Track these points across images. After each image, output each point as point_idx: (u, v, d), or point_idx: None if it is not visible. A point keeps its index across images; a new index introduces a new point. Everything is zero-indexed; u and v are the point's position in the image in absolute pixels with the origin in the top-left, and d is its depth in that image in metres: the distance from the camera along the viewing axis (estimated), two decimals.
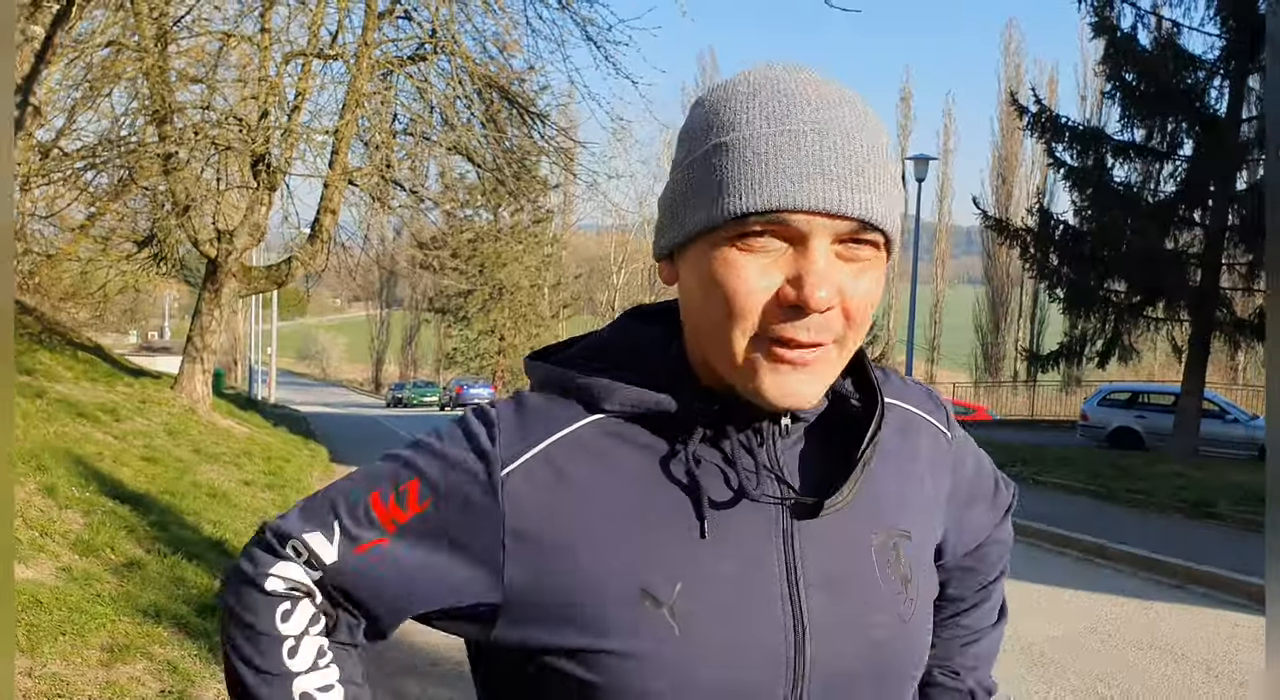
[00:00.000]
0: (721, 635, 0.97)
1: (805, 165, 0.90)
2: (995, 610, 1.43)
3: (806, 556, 1.02)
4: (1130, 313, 19.22)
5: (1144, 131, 18.93)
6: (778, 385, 0.95)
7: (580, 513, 0.99)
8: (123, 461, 9.13)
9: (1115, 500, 13.16)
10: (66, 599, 5.24)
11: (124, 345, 36.97)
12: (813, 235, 0.91)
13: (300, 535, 1.05)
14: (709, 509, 1.00)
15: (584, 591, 0.97)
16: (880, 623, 1.03)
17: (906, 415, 1.16)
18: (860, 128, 0.93)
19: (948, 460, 1.20)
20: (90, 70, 11.99)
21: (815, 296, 0.90)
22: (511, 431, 1.02)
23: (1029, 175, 51.15)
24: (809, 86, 0.95)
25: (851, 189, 0.90)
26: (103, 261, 15.96)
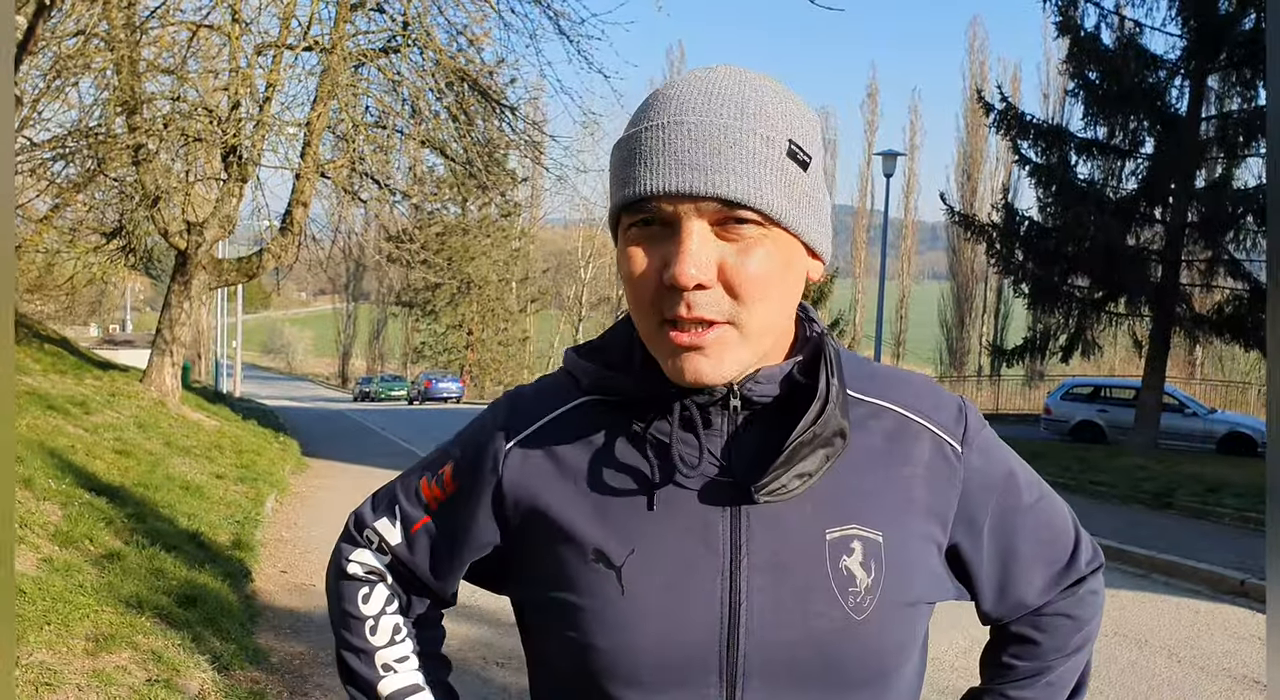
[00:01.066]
0: (660, 602, 1.04)
1: (661, 155, 0.97)
2: (1063, 689, 1.32)
3: (754, 539, 1.06)
4: (1093, 308, 19.49)
5: (1106, 129, 19.20)
6: (678, 365, 1.01)
7: (556, 482, 1.12)
8: (95, 454, 9.09)
9: (1079, 492, 13.38)
10: (49, 589, 5.25)
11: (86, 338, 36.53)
12: (682, 218, 0.97)
13: (373, 524, 1.26)
14: (657, 487, 1.08)
15: (555, 549, 1.10)
16: (822, 612, 1.05)
17: (902, 420, 1.15)
18: (727, 113, 0.98)
19: (956, 474, 1.15)
20: (58, 60, 11.87)
21: (683, 273, 0.95)
22: (518, 412, 1.19)
23: (994, 172, 51.67)
24: (688, 83, 1.02)
25: (706, 171, 0.96)
26: (69, 253, 15.82)
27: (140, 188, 13.49)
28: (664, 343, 1.01)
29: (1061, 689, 1.31)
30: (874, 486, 1.11)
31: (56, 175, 14.28)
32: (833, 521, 1.08)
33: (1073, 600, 1.30)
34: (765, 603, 1.05)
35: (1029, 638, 1.30)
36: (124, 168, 14.01)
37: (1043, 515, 1.26)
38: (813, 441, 1.04)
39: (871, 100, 58.88)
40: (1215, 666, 6.27)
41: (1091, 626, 1.33)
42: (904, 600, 1.10)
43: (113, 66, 11.92)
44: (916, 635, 1.13)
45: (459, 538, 1.20)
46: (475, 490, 1.17)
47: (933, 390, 1.20)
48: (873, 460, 1.12)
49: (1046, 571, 1.27)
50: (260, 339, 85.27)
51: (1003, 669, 1.32)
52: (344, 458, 16.27)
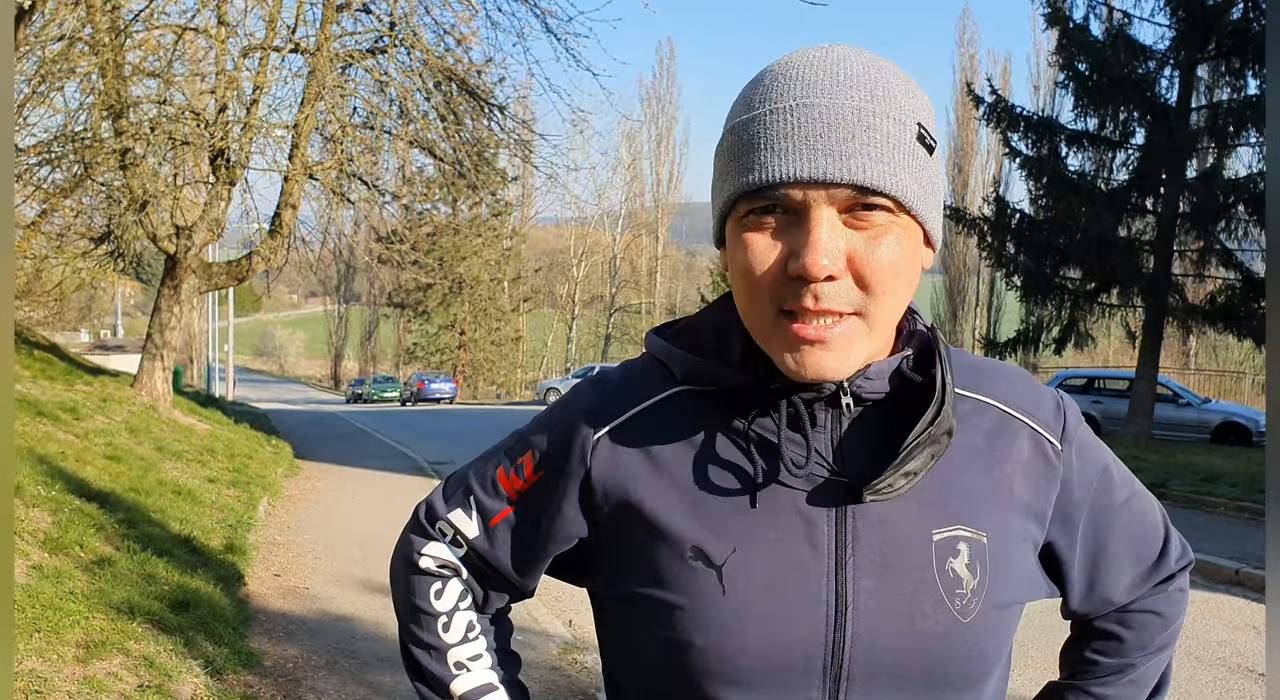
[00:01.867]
0: (764, 602, 1.02)
1: (791, 139, 0.93)
2: (1145, 687, 1.30)
3: (860, 539, 1.03)
4: (1085, 299, 19.55)
5: (1096, 121, 19.26)
6: (798, 360, 0.97)
7: (650, 476, 1.08)
8: (86, 460, 9.05)
9: None
10: (39, 596, 5.22)
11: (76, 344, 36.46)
12: (811, 205, 0.93)
13: (446, 516, 1.21)
14: (762, 481, 1.05)
15: (648, 545, 1.07)
16: (929, 615, 1.03)
17: (1003, 416, 1.13)
18: (857, 96, 0.95)
19: (1055, 471, 1.13)
20: (43, 65, 11.81)
21: (815, 264, 0.92)
22: (606, 400, 1.14)
23: (985, 164, 51.77)
24: (809, 64, 0.97)
25: (839, 156, 0.92)
26: (58, 259, 15.76)
27: (128, 192, 13.43)
28: (782, 336, 0.98)
29: (1144, 687, 1.30)
30: (976, 485, 1.09)
31: (43, 181, 14.21)
32: (939, 522, 1.06)
33: (1162, 598, 1.29)
34: (872, 605, 1.02)
35: (1114, 634, 1.28)
36: (111, 172, 13.94)
37: (1135, 513, 1.24)
38: (927, 441, 1.02)
39: None
40: (1210, 656, 6.27)
41: (1177, 625, 1.31)
42: (1006, 601, 1.08)
43: (98, 71, 11.87)
44: (1012, 635, 1.12)
45: (543, 530, 1.16)
46: (561, 481, 1.13)
47: (1031, 385, 1.18)
48: (974, 458, 1.10)
49: (1136, 569, 1.25)
50: (252, 342, 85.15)
51: (1085, 664, 1.30)
52: (337, 460, 16.22)
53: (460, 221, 50.83)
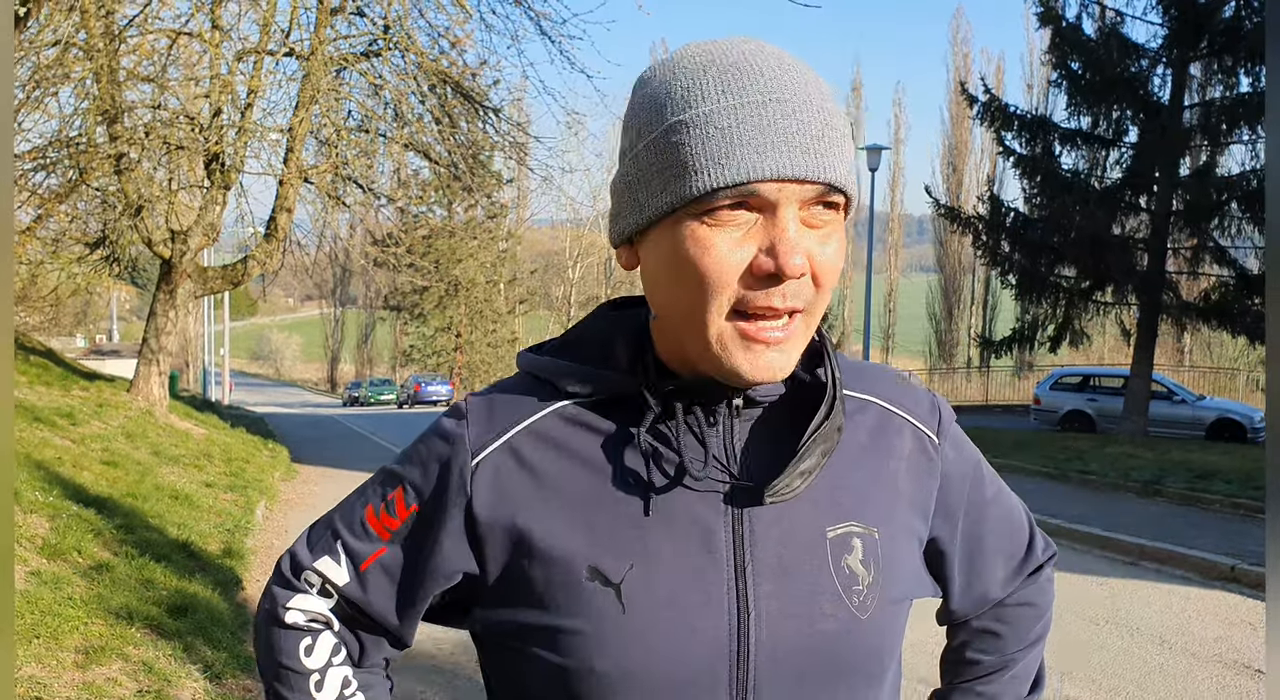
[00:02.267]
0: (666, 616, 0.99)
1: (769, 135, 0.91)
2: (1025, 681, 1.32)
3: (757, 543, 1.02)
4: (1080, 297, 19.58)
5: (1090, 119, 19.30)
6: (752, 362, 0.95)
7: (537, 498, 1.03)
8: (83, 466, 9.06)
9: (1069, 481, 13.43)
10: (38, 602, 5.23)
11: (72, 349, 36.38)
12: (781, 203, 0.92)
13: (312, 564, 1.12)
14: (654, 492, 1.02)
15: (540, 573, 1.01)
16: (829, 614, 1.02)
17: (885, 413, 1.14)
18: (815, 93, 0.94)
19: (935, 466, 1.15)
20: (37, 70, 11.81)
21: (790, 263, 0.91)
22: (481, 423, 1.07)
23: (979, 163, 51.73)
24: (758, 56, 0.95)
25: (815, 154, 0.91)
26: (53, 264, 15.75)
27: (123, 197, 13.43)
28: (734, 337, 0.95)
29: (1025, 681, 1.31)
30: (864, 482, 1.09)
31: (38, 186, 14.21)
32: (831, 519, 1.05)
33: (1033, 588, 1.30)
34: (773, 609, 1.01)
35: (992, 631, 1.29)
36: (106, 177, 13.94)
37: (1004, 507, 1.26)
38: (821, 438, 1.01)
39: (855, 94, 58.93)
40: (1207, 653, 6.29)
41: (1049, 615, 1.33)
42: (898, 597, 1.09)
43: (92, 76, 11.87)
44: (903, 634, 1.12)
45: (422, 569, 1.08)
46: (439, 514, 1.06)
47: (906, 383, 1.19)
48: (861, 455, 1.09)
49: (1009, 563, 1.27)
50: (248, 346, 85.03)
51: (968, 665, 1.30)
52: (334, 464, 16.23)
53: (456, 224, 50.80)
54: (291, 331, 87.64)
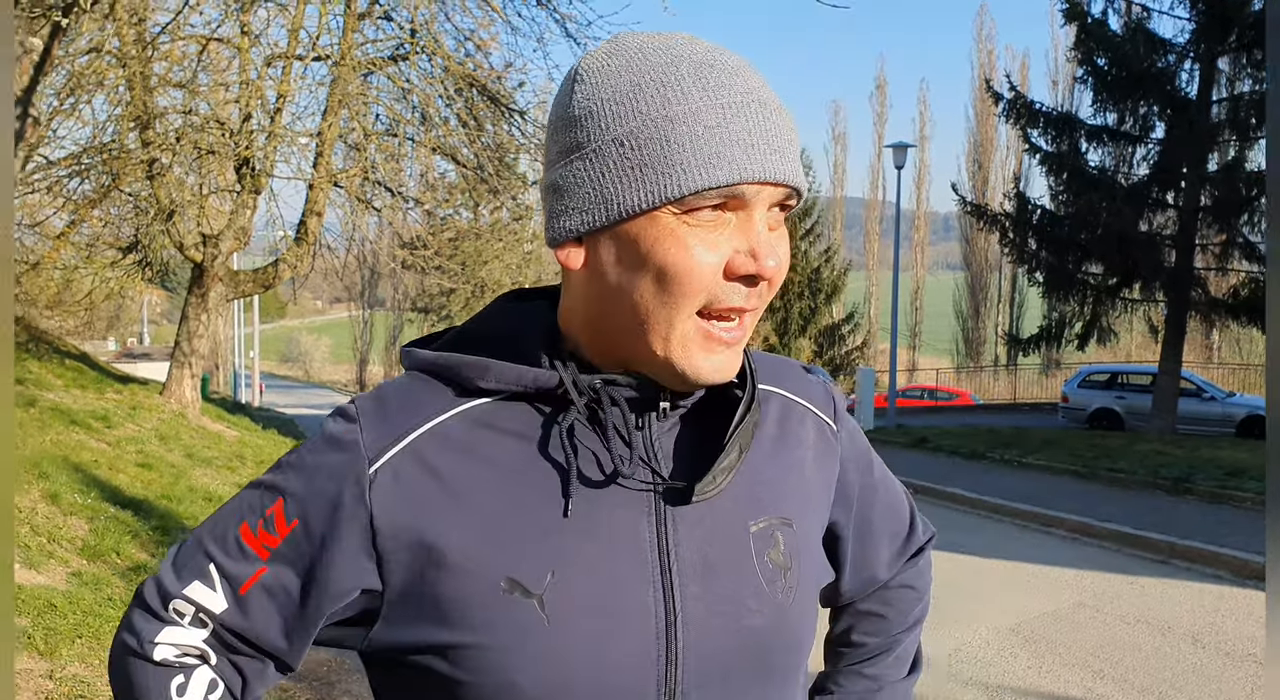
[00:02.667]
0: (592, 624, 0.94)
1: (755, 136, 0.90)
2: (906, 662, 1.35)
3: (682, 543, 0.99)
4: (1107, 295, 19.48)
5: (1116, 115, 19.19)
6: (712, 363, 0.94)
7: (447, 508, 0.96)
8: (118, 468, 9.19)
9: (1098, 479, 13.37)
10: (79, 603, 5.33)
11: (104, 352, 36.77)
12: (756, 205, 0.91)
13: (182, 592, 1.01)
14: (577, 490, 0.97)
15: (452, 587, 0.94)
16: (754, 609, 1.00)
17: (787, 403, 1.14)
18: (773, 96, 0.94)
19: (834, 453, 1.16)
20: (72, 77, 11.97)
21: (767, 265, 0.91)
22: (376, 427, 0.98)
23: (1005, 160, 51.52)
24: (721, 54, 0.93)
25: (786, 158, 0.91)
26: (87, 269, 15.94)
27: (155, 202, 13.58)
28: (695, 340, 0.93)
29: (905, 662, 1.35)
30: (779, 473, 1.08)
31: (72, 192, 14.40)
32: (752, 514, 1.04)
33: (914, 571, 1.34)
34: (700, 610, 0.98)
35: (876, 613, 1.32)
36: (138, 182, 14.10)
37: (889, 490, 1.28)
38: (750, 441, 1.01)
39: (880, 92, 58.77)
40: (1240, 651, 6.27)
41: (928, 598, 1.36)
42: (812, 585, 1.10)
43: (125, 82, 12.01)
44: (816, 618, 1.12)
45: (313, 588, 0.98)
46: (332, 528, 0.96)
47: (800, 370, 1.20)
48: (773, 447, 1.09)
49: (892, 544, 1.29)
50: (278, 348, 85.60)
51: (854, 647, 1.33)
52: None
53: (482, 226, 50.82)
54: (320, 334, 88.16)
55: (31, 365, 13.62)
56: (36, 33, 5.05)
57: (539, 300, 1.08)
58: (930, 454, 16.79)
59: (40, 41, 5.07)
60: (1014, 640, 6.57)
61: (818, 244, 45.22)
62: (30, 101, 5.15)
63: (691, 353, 0.94)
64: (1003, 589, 7.88)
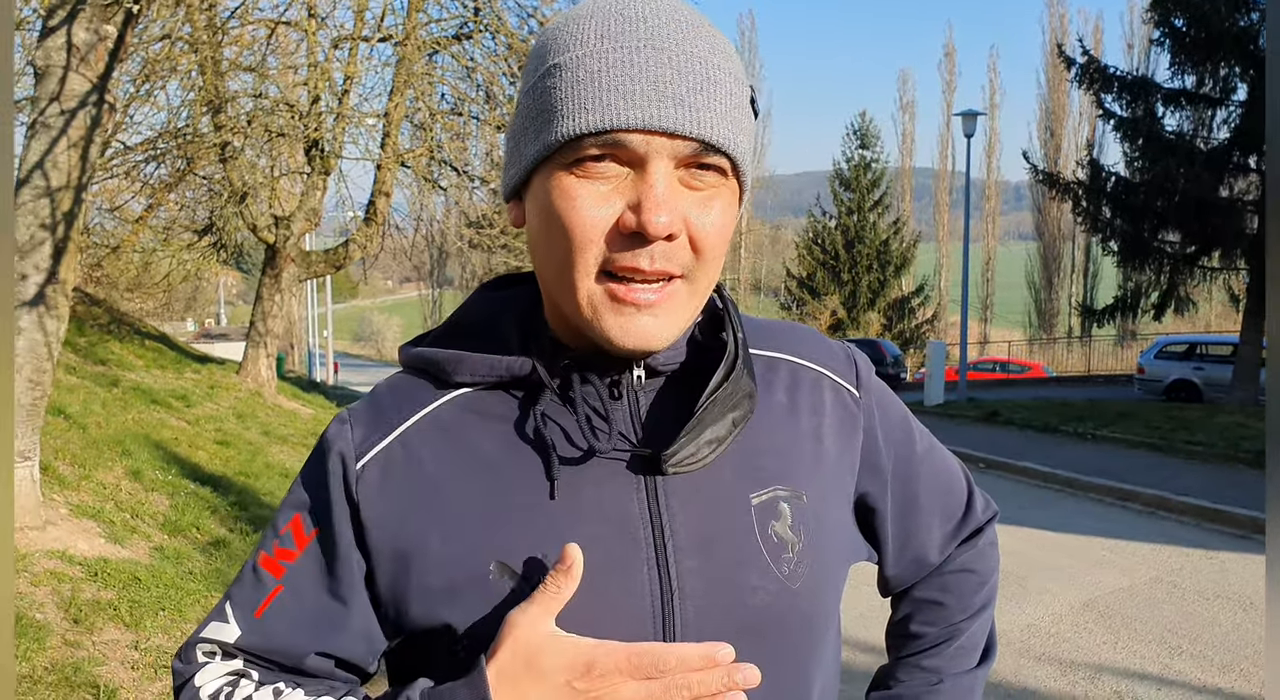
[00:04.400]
0: (585, 603, 0.90)
1: (639, 82, 0.84)
2: (972, 653, 1.23)
3: (676, 517, 0.95)
4: (1185, 263, 19.02)
5: (1195, 78, 18.67)
6: (622, 326, 0.89)
7: (432, 496, 0.96)
8: (198, 445, 9.42)
9: (1175, 452, 13.09)
10: (162, 577, 5.49)
11: (183, 333, 37.64)
12: (651, 157, 0.85)
13: (200, 636, 1.02)
14: (560, 470, 0.94)
15: (441, 574, 0.94)
16: (757, 586, 0.96)
17: (797, 368, 1.08)
18: (704, 48, 0.88)
19: (856, 420, 1.09)
20: (146, 64, 12.22)
21: (654, 221, 0.84)
22: (365, 425, 1.00)
23: (1077, 127, 50.41)
24: (648, 5, 0.89)
25: (689, 108, 0.84)
26: (164, 252, 16.32)
27: (228, 185, 13.86)
28: (605, 300, 0.89)
29: (972, 652, 1.23)
30: (786, 443, 1.03)
31: (149, 176, 14.74)
32: (755, 485, 0.99)
33: (973, 553, 1.24)
34: (698, 587, 0.94)
35: (934, 600, 1.22)
36: (212, 166, 14.41)
37: (937, 464, 1.21)
38: (723, 403, 0.94)
39: (949, 60, 57.72)
40: None
41: (993, 582, 1.25)
42: (830, 561, 1.03)
43: (197, 67, 12.24)
44: (838, 601, 1.07)
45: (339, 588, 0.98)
46: (336, 530, 0.97)
47: (820, 339, 1.14)
48: (780, 416, 1.04)
49: (945, 524, 1.21)
50: (350, 328, 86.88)
51: (912, 640, 1.24)
52: None
53: None
54: (391, 313, 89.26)
55: (114, 346, 13.98)
56: (110, 19, 5.13)
57: (521, 286, 1.07)
58: (1002, 427, 16.57)
59: (114, 29, 5.15)
60: (1088, 616, 6.48)
61: (886, 215, 44.78)
62: (106, 88, 5.24)
63: (601, 315, 0.89)
64: (1077, 564, 7.77)
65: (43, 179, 5.17)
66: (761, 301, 56.76)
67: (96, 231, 15.67)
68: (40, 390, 5.36)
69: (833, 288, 42.71)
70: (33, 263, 5.20)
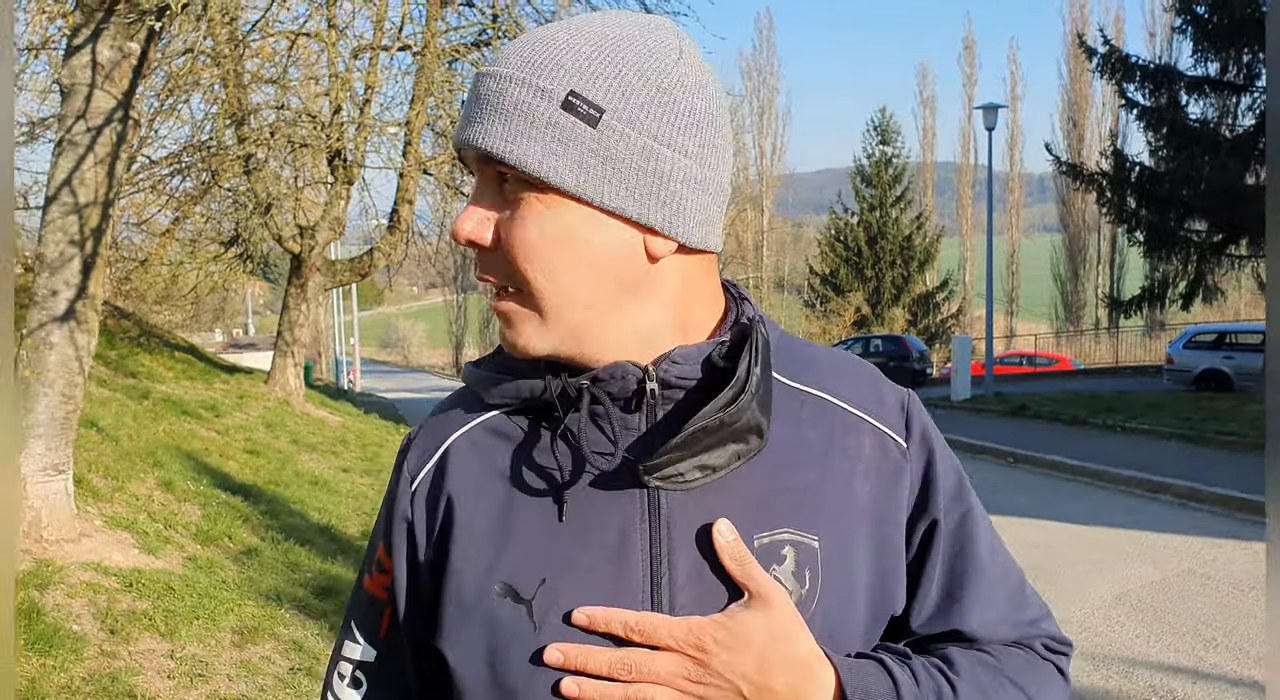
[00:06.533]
0: (576, 633, 0.91)
1: (470, 106, 0.93)
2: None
3: (676, 550, 0.93)
4: (1213, 252, 18.86)
5: (1218, 65, 18.51)
6: (503, 332, 0.96)
7: (458, 513, 0.98)
8: (228, 455, 9.51)
9: (1206, 443, 12.99)
10: (196, 586, 5.55)
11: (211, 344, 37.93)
12: (477, 172, 0.94)
13: (339, 655, 1.09)
14: (572, 494, 0.95)
15: (455, 590, 0.96)
16: None
17: (840, 413, 1.02)
18: (512, 67, 0.90)
19: (903, 470, 1.02)
20: (170, 78, 12.35)
21: (459, 228, 0.93)
22: (419, 446, 1.05)
23: (1100, 118, 50.00)
24: (542, 29, 0.94)
25: (477, 122, 0.90)
26: (191, 264, 16.47)
27: (253, 196, 13.99)
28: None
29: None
30: (809, 485, 0.97)
31: (174, 189, 14.89)
32: (762, 525, 0.94)
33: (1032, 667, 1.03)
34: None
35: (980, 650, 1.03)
36: (236, 178, 14.54)
37: (995, 543, 1.08)
38: (720, 430, 0.90)
39: (968, 53, 57.42)
40: None
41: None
42: (848, 612, 0.96)
43: (219, 81, 12.37)
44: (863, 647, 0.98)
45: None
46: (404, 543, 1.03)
47: (875, 380, 1.08)
48: (808, 456, 0.98)
49: (1007, 604, 1.05)
50: (377, 334, 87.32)
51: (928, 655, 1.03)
52: None
53: None
54: (417, 319, 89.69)
55: (144, 359, 14.13)
56: (134, 37, 5.20)
57: None
58: (1030, 421, 16.48)
59: (138, 45, 5.22)
60: (1121, 609, 6.45)
61: (908, 210, 44.57)
62: (131, 104, 5.31)
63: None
64: (1108, 557, 7.73)
65: (71, 196, 5.24)
66: (785, 299, 56.62)
67: (124, 245, 15.85)
68: (73, 404, 5.43)
69: (856, 284, 42.56)
70: (63, 279, 5.28)
